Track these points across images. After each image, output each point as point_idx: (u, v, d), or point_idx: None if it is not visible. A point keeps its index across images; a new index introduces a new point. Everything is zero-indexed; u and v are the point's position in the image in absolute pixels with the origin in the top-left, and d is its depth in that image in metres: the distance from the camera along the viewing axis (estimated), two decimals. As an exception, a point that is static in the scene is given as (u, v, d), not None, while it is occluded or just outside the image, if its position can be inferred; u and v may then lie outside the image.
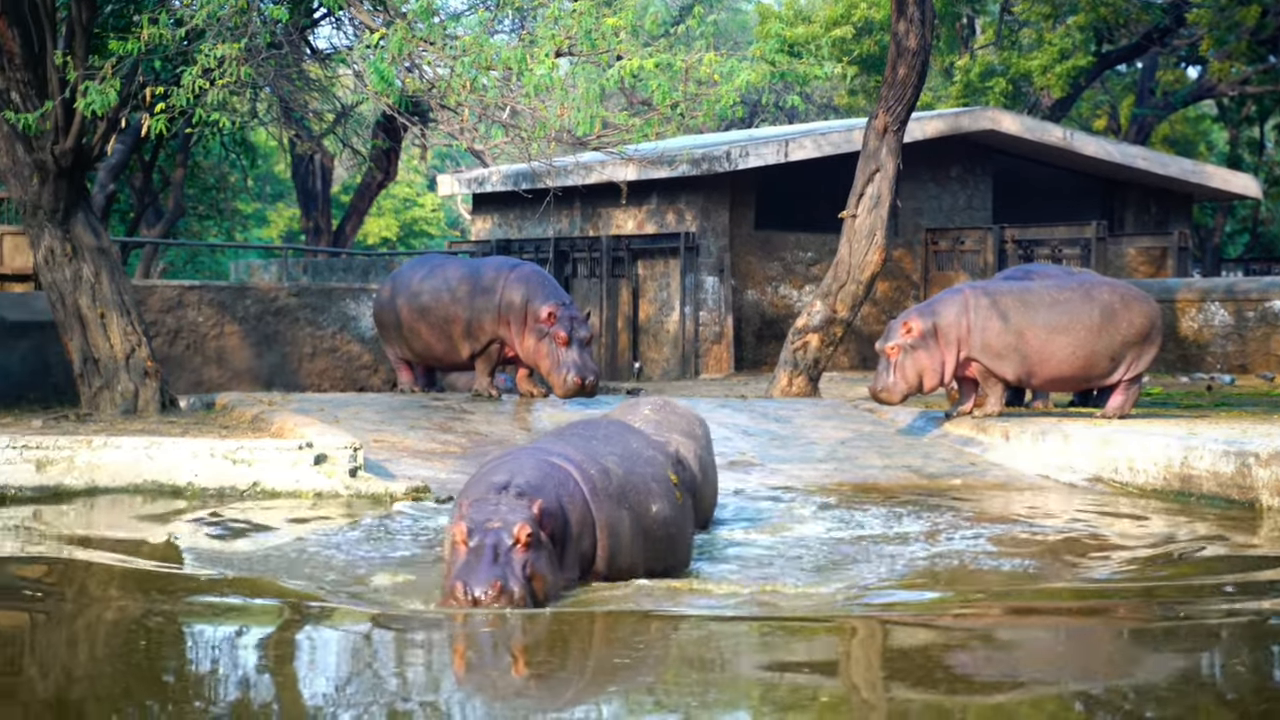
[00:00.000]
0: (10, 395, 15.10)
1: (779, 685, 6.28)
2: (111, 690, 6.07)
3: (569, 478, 7.78)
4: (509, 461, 7.84)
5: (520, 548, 7.21)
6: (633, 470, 8.25)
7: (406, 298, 15.83)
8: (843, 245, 17.22)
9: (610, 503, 7.88)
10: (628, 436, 8.73)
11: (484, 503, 7.38)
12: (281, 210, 53.07)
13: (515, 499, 7.36)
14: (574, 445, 8.22)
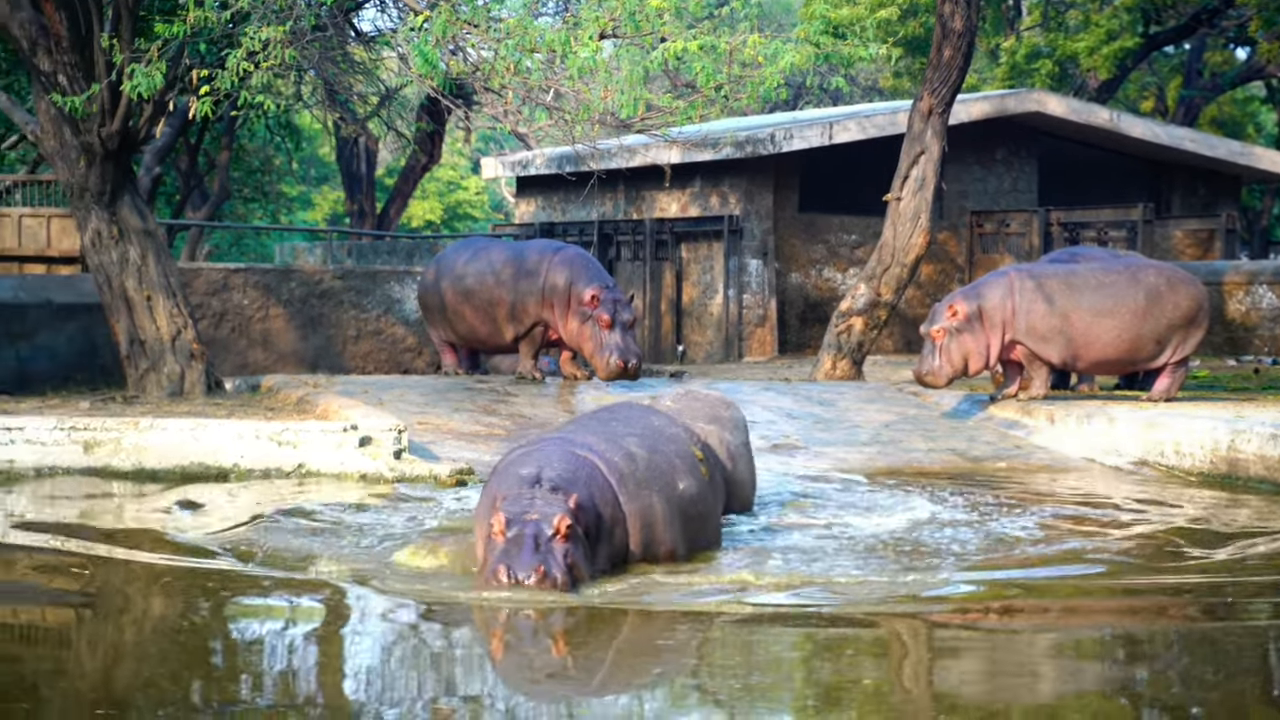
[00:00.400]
0: (58, 377, 15.20)
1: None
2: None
3: (596, 471, 7.73)
4: (535, 453, 7.79)
5: (560, 538, 7.22)
6: (656, 449, 8.19)
7: (451, 280, 15.85)
8: (887, 228, 17.16)
9: (639, 490, 7.85)
10: (648, 416, 8.67)
11: (519, 496, 7.35)
12: (326, 193, 53.24)
13: (550, 493, 7.35)
14: (596, 433, 8.15)
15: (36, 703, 5.60)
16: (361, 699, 5.75)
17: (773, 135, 22.12)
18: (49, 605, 7.31)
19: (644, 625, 6.95)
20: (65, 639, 6.76)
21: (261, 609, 7.24)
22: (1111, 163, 26.28)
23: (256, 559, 8.19)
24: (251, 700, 5.65)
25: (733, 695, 5.76)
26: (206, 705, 5.55)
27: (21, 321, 15.36)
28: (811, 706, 5.72)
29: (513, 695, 5.88)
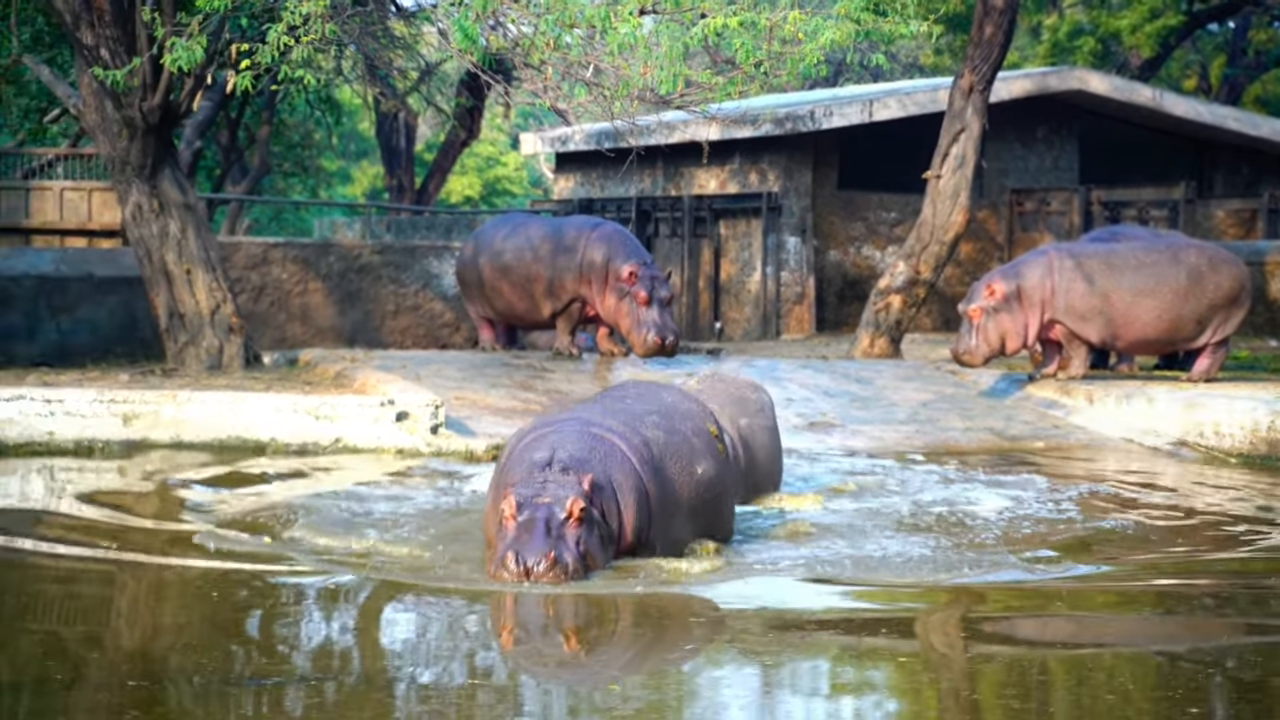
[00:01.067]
0: (98, 349, 15.30)
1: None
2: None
3: (614, 449, 7.34)
4: (549, 435, 7.41)
5: (573, 522, 6.88)
6: (674, 429, 7.78)
7: (489, 256, 15.87)
8: (926, 206, 17.09)
9: (658, 471, 7.45)
10: (662, 393, 8.28)
11: (530, 479, 7.01)
12: (365, 168, 53.34)
13: (562, 474, 7.00)
14: (613, 412, 7.75)
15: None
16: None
17: (812, 112, 22.05)
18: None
19: (656, 619, 6.62)
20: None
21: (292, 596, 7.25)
22: (1154, 141, 26.09)
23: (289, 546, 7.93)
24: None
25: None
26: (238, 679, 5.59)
27: (63, 295, 15.46)
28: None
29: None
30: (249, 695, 5.30)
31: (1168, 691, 5.58)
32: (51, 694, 5.28)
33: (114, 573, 7.43)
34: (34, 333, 15.17)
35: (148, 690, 5.38)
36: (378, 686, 5.47)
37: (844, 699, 5.50)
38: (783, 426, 13.10)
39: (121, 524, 8.58)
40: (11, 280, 15.15)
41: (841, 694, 5.57)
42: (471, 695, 5.34)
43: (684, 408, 8.10)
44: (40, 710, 5.08)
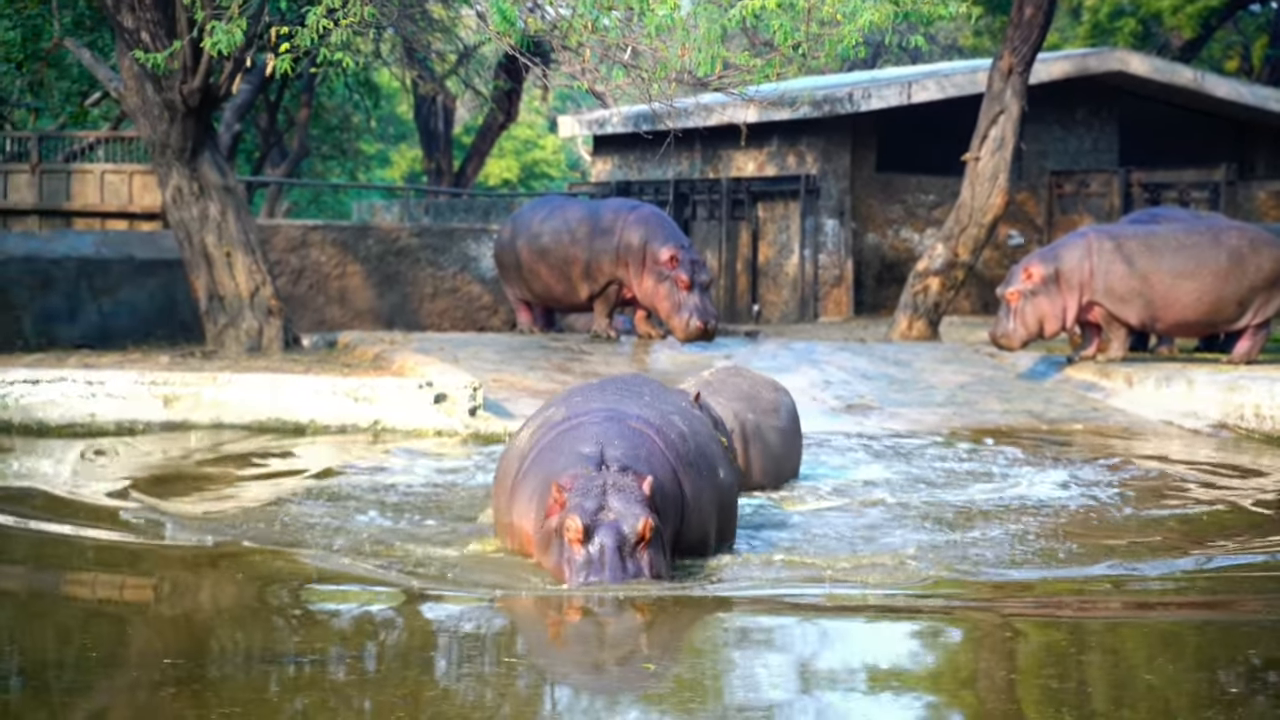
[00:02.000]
0: (139, 332, 15.39)
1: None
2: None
3: (655, 447, 6.90)
4: (588, 425, 6.91)
5: (644, 545, 6.39)
6: (696, 431, 7.35)
7: (526, 239, 15.90)
8: (965, 188, 17.04)
9: (693, 472, 7.04)
10: (669, 394, 7.74)
11: (587, 486, 6.46)
12: (404, 151, 53.43)
13: (620, 475, 6.50)
14: (640, 404, 7.26)
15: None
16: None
17: (851, 94, 21.98)
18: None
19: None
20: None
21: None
22: (1195, 123, 25.93)
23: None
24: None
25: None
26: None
27: (104, 277, 15.55)
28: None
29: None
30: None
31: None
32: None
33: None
34: (75, 315, 15.27)
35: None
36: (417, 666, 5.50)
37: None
38: (820, 409, 13.12)
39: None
40: (53, 263, 15.26)
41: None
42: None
43: (695, 413, 7.65)
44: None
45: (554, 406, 7.43)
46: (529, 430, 7.31)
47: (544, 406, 7.62)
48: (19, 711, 4.83)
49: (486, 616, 6.28)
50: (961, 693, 5.26)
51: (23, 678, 5.23)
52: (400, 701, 4.92)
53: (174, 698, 4.96)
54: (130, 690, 5.10)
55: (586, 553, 6.34)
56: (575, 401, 7.33)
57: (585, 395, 7.48)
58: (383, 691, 5.07)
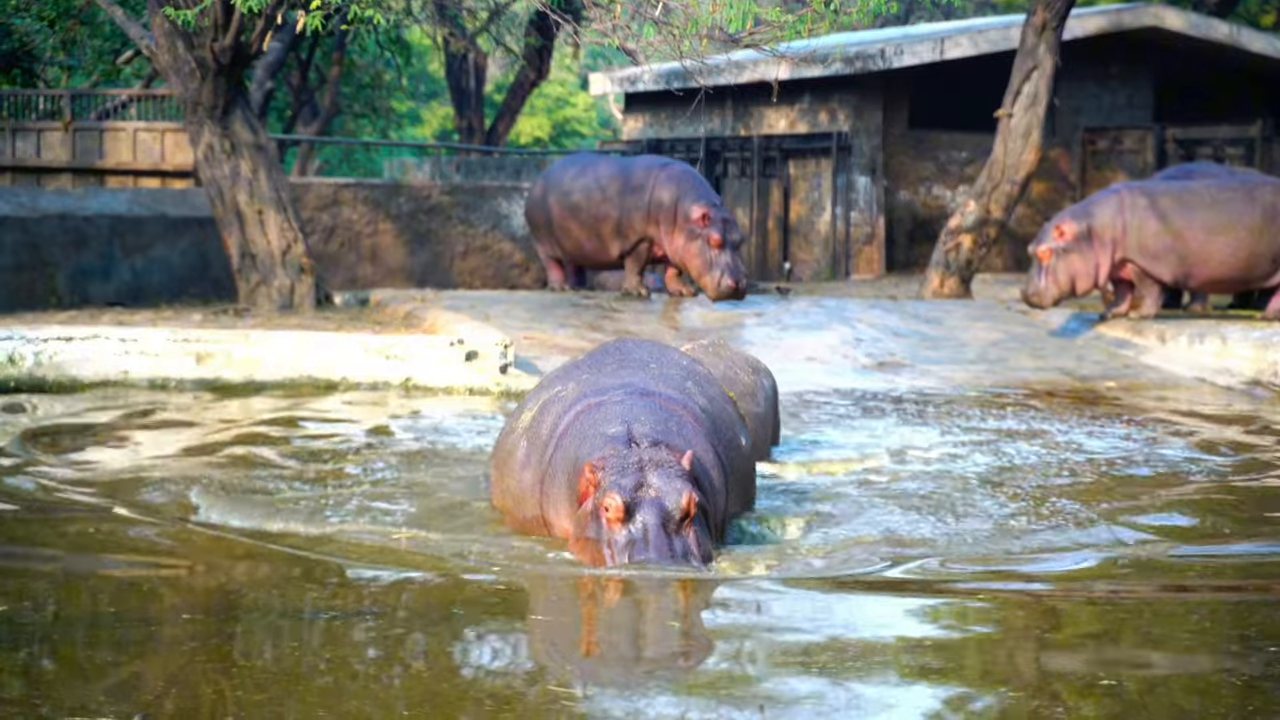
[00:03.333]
0: (172, 289, 15.45)
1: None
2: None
3: (686, 422, 6.49)
4: (609, 405, 6.44)
5: (689, 521, 5.98)
6: (712, 397, 6.96)
7: (558, 196, 15.89)
8: (998, 145, 16.96)
9: (725, 443, 6.68)
10: (672, 354, 7.29)
11: (623, 463, 6.03)
12: (435, 109, 53.39)
13: (654, 449, 6.08)
14: (658, 376, 6.80)
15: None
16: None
17: (883, 51, 21.87)
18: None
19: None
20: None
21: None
22: (1230, 78, 25.73)
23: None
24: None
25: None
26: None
27: (137, 235, 15.60)
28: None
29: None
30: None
31: None
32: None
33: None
34: (108, 273, 15.34)
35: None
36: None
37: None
38: (851, 366, 13.12)
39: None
40: (86, 220, 15.32)
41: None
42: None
43: (702, 371, 7.24)
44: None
45: (559, 384, 6.89)
46: (538, 411, 6.78)
47: (544, 385, 7.07)
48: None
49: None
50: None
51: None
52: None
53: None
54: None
55: (628, 532, 5.92)
56: (585, 379, 6.81)
57: (594, 369, 6.94)
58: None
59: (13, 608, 5.48)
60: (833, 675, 4.76)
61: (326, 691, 4.56)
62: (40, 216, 15.12)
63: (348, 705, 4.44)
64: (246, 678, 4.70)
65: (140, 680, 4.70)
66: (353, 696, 4.52)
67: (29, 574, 6.08)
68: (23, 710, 4.35)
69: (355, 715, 4.36)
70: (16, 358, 11.29)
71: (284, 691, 4.55)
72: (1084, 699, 4.59)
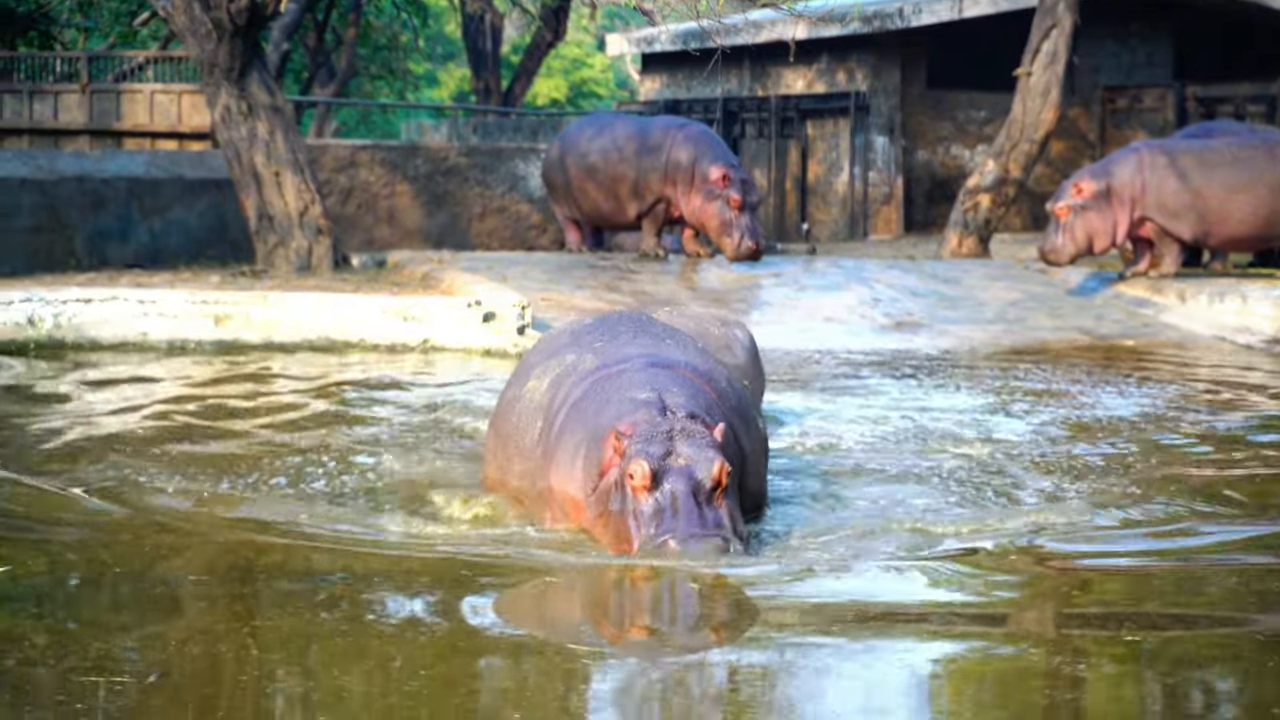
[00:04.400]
0: (190, 251, 15.47)
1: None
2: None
3: (711, 398, 6.08)
4: (634, 372, 6.04)
5: (721, 491, 5.56)
6: (732, 378, 6.57)
7: (575, 157, 15.86)
8: (1016, 104, 16.89)
9: (744, 422, 6.28)
10: (678, 331, 6.87)
11: (652, 430, 5.63)
12: (452, 70, 53.29)
13: (689, 421, 5.70)
14: (678, 347, 6.42)
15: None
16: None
17: (901, 10, 21.77)
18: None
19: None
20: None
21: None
22: (1251, 35, 25.56)
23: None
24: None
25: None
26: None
27: (154, 197, 15.61)
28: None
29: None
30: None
31: None
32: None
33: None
34: (126, 235, 15.36)
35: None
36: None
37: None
38: (869, 326, 13.10)
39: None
40: (104, 183, 15.33)
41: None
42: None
43: (718, 357, 6.88)
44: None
45: (569, 353, 6.45)
46: (544, 380, 6.37)
47: (549, 353, 6.60)
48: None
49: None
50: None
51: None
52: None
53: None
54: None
55: (655, 500, 5.49)
56: (598, 347, 6.38)
57: (607, 336, 6.51)
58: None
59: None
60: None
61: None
62: (58, 179, 15.13)
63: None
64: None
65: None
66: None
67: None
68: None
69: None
70: (36, 320, 11.32)
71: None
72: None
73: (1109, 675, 4.52)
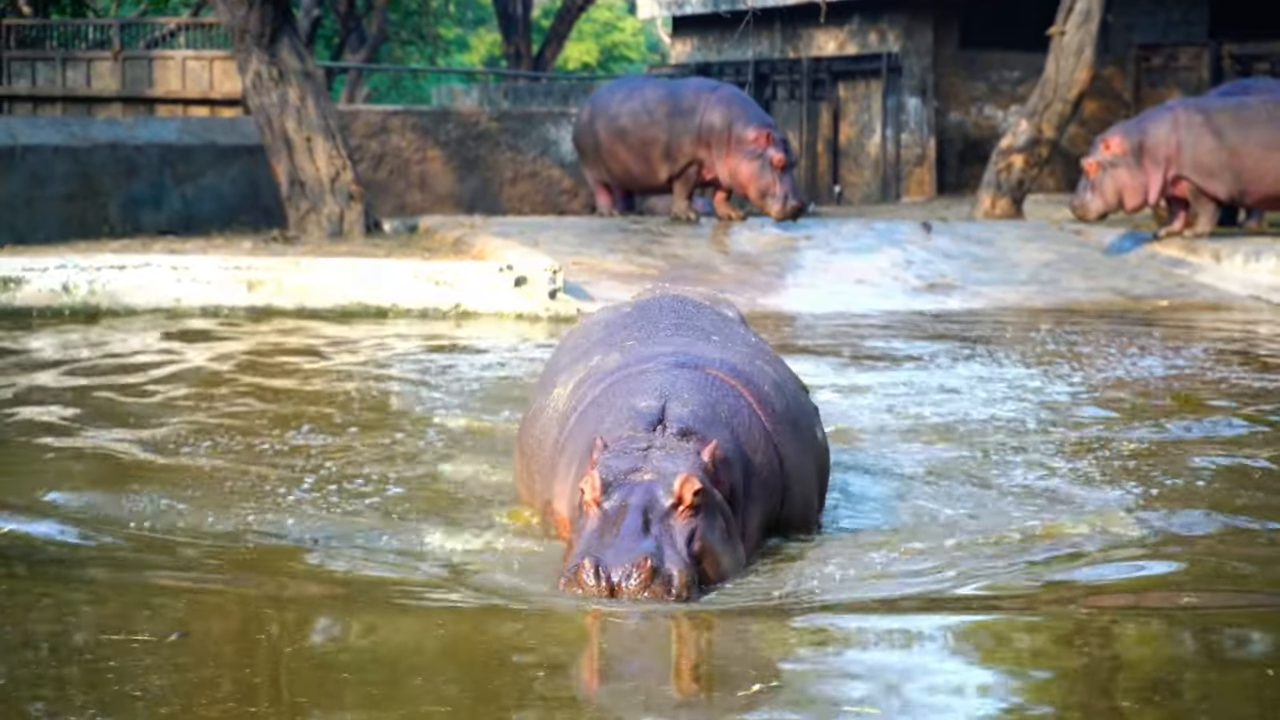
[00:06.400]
0: (222, 217, 15.51)
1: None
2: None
3: (743, 404, 5.27)
4: (650, 374, 5.29)
5: (685, 511, 4.71)
6: (786, 379, 5.72)
7: (605, 120, 15.82)
8: (1050, 63, 16.78)
9: (792, 432, 5.43)
10: (731, 324, 6.09)
11: (629, 445, 4.91)
12: (483, 35, 53.21)
13: (679, 439, 4.93)
14: (721, 344, 5.66)
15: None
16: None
17: (933, -31, 21.64)
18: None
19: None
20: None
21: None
22: (1287, -7, 25.32)
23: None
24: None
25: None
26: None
27: (187, 163, 15.66)
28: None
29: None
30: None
31: None
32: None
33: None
34: (160, 201, 15.41)
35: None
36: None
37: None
38: (902, 288, 13.07)
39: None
40: (137, 149, 15.37)
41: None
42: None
43: (766, 345, 6.06)
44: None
45: (597, 352, 5.78)
46: (567, 386, 5.70)
47: (578, 353, 5.92)
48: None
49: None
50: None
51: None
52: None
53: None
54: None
55: (601, 517, 4.73)
56: (629, 344, 5.69)
57: (644, 329, 5.81)
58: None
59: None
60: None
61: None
62: (91, 146, 15.17)
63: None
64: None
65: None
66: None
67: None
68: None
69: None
70: (71, 286, 11.38)
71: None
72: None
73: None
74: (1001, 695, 3.94)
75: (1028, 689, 4.01)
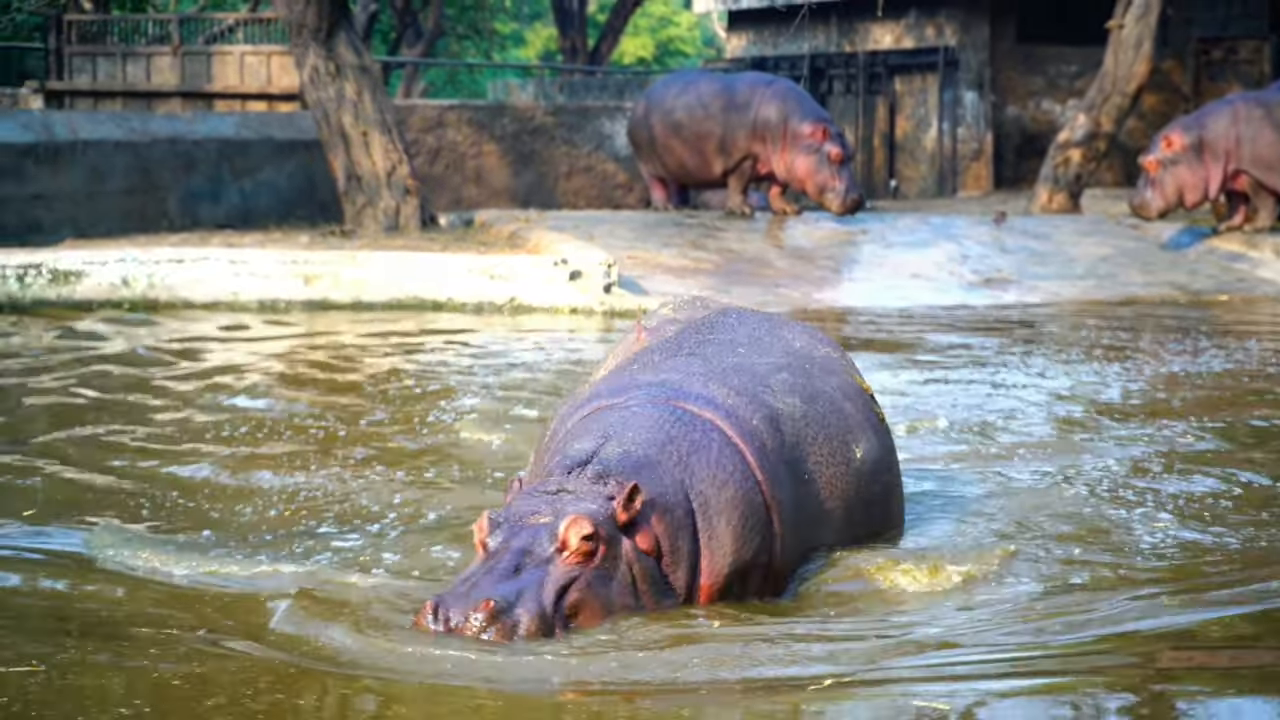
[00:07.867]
0: (279, 211, 15.62)
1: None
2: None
3: (708, 440, 4.78)
4: (612, 413, 4.88)
5: (570, 557, 4.41)
6: (815, 393, 5.16)
7: (661, 114, 15.82)
8: (1108, 56, 16.67)
9: (792, 465, 4.92)
10: (782, 331, 5.57)
11: (540, 487, 4.64)
12: (539, 30, 53.30)
13: (594, 483, 4.58)
14: (723, 372, 5.07)
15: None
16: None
17: (990, -37, 21.54)
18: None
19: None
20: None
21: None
22: (1350, -14, 25.05)
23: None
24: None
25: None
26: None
27: (244, 158, 15.77)
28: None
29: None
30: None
31: None
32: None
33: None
34: (218, 196, 15.53)
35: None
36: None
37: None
38: (958, 283, 13.02)
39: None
40: (195, 144, 15.49)
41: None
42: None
43: (820, 354, 5.48)
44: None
45: (601, 373, 5.58)
46: (561, 410, 5.30)
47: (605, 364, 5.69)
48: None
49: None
50: None
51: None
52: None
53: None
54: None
55: (482, 558, 4.48)
56: (631, 369, 5.27)
57: (659, 354, 5.33)
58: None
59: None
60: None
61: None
62: (151, 140, 15.30)
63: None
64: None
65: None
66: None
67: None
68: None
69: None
70: (130, 280, 11.48)
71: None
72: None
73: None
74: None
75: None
